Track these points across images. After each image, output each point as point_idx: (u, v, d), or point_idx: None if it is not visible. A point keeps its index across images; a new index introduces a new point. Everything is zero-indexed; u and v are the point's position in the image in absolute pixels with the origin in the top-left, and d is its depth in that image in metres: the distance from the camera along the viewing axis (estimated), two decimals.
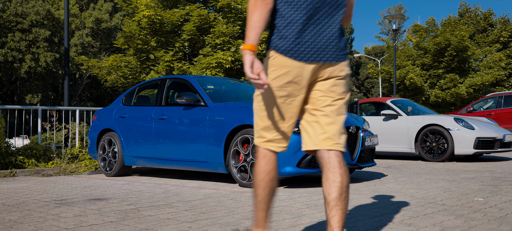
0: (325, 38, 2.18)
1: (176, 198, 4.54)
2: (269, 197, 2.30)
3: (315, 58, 2.17)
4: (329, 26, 2.20)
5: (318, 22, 2.18)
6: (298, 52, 2.15)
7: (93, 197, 4.69)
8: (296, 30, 2.15)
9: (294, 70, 2.17)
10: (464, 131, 8.48)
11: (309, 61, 2.17)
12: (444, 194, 4.51)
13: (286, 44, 2.16)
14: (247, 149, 5.25)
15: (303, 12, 2.15)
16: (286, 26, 2.16)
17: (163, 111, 6.21)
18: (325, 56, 2.19)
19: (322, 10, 2.18)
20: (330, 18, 2.20)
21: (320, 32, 2.17)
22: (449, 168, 7.23)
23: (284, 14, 2.16)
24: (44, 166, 7.61)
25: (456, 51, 19.93)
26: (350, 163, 5.35)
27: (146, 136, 6.30)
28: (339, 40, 2.21)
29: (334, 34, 2.20)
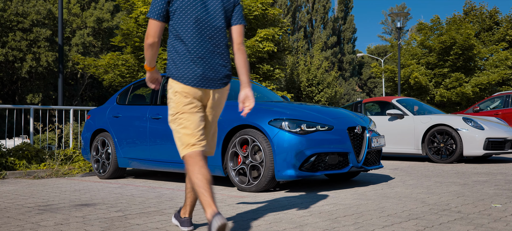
0: (209, 71, 2.85)
1: (169, 203, 4.22)
2: (208, 183, 2.71)
3: (200, 85, 2.84)
4: (212, 61, 2.87)
5: (204, 59, 2.85)
6: (188, 80, 2.82)
7: (81, 202, 4.38)
8: (190, 64, 2.83)
9: (188, 91, 2.82)
10: (473, 131, 8.15)
11: (196, 86, 2.83)
12: (458, 199, 4.19)
13: (180, 73, 2.83)
14: (246, 151, 4.93)
15: (193, 55, 2.84)
16: (181, 61, 2.83)
17: (158, 110, 5.89)
18: (210, 83, 2.87)
19: (204, 54, 2.86)
20: (211, 59, 2.88)
21: (206, 66, 2.85)
22: (458, 170, 6.90)
23: (178, 52, 2.85)
24: (36, 167, 7.31)
25: (461, 49, 19.56)
26: (356, 165, 5.02)
27: (140, 136, 5.99)
28: (219, 72, 2.90)
29: (216, 68, 2.88)
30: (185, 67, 2.82)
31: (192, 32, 2.84)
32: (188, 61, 2.82)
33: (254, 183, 4.82)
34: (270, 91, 6.75)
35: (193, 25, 2.85)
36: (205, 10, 2.88)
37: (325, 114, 5.12)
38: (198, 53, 2.83)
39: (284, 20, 12.68)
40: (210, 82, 2.86)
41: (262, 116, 4.87)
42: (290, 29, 50.71)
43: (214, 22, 2.90)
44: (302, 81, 16.88)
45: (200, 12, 2.87)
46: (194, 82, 2.82)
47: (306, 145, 4.68)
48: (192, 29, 2.85)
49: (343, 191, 4.87)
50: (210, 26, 2.89)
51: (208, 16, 2.88)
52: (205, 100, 2.90)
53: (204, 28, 2.87)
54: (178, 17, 2.85)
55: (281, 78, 14.29)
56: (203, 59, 2.84)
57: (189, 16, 2.84)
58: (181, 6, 2.83)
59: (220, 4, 2.93)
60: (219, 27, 2.92)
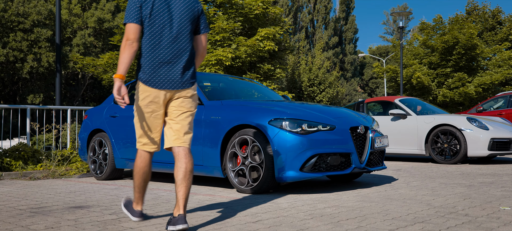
0: (174, 74, 3.14)
1: (165, 206, 4.09)
2: (143, 183, 3.32)
3: (166, 86, 3.14)
4: (177, 65, 3.16)
5: (168, 64, 3.14)
6: (154, 83, 3.12)
7: (75, 204, 4.24)
8: (155, 68, 3.12)
9: (153, 94, 3.13)
10: (477, 131, 8.00)
11: (162, 88, 3.14)
12: (464, 202, 4.04)
13: (146, 76, 3.12)
14: (245, 151, 4.79)
15: (158, 59, 3.12)
16: (147, 66, 3.12)
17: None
18: (173, 85, 3.15)
19: (170, 59, 3.14)
20: (177, 64, 3.16)
21: (169, 70, 3.13)
22: (463, 171, 6.75)
23: (146, 57, 3.12)
24: (33, 168, 7.17)
25: (464, 49, 19.39)
26: (358, 166, 4.87)
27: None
28: (186, 73, 3.20)
29: (181, 71, 3.17)
30: (151, 71, 3.11)
31: (159, 38, 3.14)
32: (155, 66, 3.11)
33: (253, 185, 4.68)
34: (271, 90, 6.61)
35: (159, 32, 3.15)
36: (171, 19, 3.18)
37: (326, 114, 4.98)
38: (164, 58, 3.12)
39: (285, 19, 12.54)
40: (175, 84, 3.15)
41: (262, 115, 4.73)
42: (291, 30, 50.44)
43: (181, 31, 3.19)
44: (304, 81, 16.74)
45: (167, 20, 3.17)
46: (159, 85, 3.12)
47: (307, 145, 4.54)
48: (159, 35, 3.14)
49: (346, 192, 4.73)
50: (177, 33, 3.18)
51: (175, 24, 3.17)
52: (169, 100, 3.21)
53: (170, 35, 3.16)
54: (147, 24, 3.14)
55: (282, 78, 14.15)
56: (169, 64, 3.13)
57: (156, 24, 3.13)
58: (149, 13, 3.12)
59: (186, 14, 3.23)
60: (186, 35, 3.23)
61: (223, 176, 4.99)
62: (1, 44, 34.58)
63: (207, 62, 10.00)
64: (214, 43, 10.60)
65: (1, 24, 34.81)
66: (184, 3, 3.23)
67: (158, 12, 3.13)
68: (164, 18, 3.14)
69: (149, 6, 3.12)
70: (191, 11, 3.24)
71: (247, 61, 10.58)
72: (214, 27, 10.47)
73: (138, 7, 3.10)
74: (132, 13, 3.11)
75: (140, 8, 3.11)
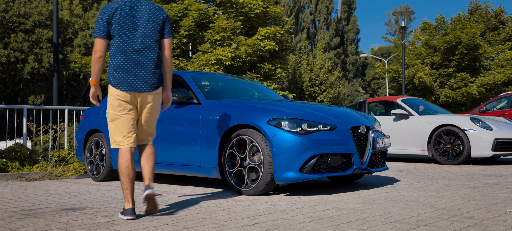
0: (141, 77, 3.52)
1: (160, 207, 3.97)
2: (129, 180, 3.56)
3: (134, 89, 3.52)
4: (143, 70, 3.54)
5: (135, 69, 3.52)
6: (123, 86, 3.50)
7: (69, 206, 4.13)
8: (123, 73, 3.50)
9: (123, 96, 3.51)
10: (481, 132, 7.87)
11: (131, 91, 3.51)
12: (469, 204, 3.92)
13: (115, 80, 3.51)
14: (243, 152, 4.68)
15: (125, 65, 3.50)
16: (116, 71, 3.51)
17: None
18: (140, 88, 3.53)
19: (137, 65, 3.52)
20: (143, 69, 3.54)
21: (136, 74, 3.51)
22: (467, 172, 6.63)
23: (116, 63, 3.51)
24: (29, 169, 7.07)
25: (466, 49, 19.25)
26: (360, 167, 4.75)
27: None
28: (150, 78, 3.57)
29: (147, 75, 3.55)
30: (120, 75, 3.49)
31: (127, 46, 3.50)
32: (123, 71, 3.49)
33: (252, 186, 4.57)
34: (271, 90, 6.50)
35: (127, 41, 3.51)
36: (137, 28, 3.53)
37: (327, 114, 4.87)
38: (131, 63, 3.50)
39: (286, 19, 12.41)
40: (142, 87, 3.53)
41: (260, 115, 4.62)
42: (292, 29, 50.18)
43: (146, 38, 3.54)
44: (305, 81, 16.60)
45: (133, 30, 3.53)
46: (128, 88, 3.50)
47: (307, 146, 4.42)
48: (126, 44, 3.50)
49: (347, 194, 4.61)
50: (143, 42, 3.54)
51: (141, 33, 3.53)
52: (137, 102, 3.58)
53: (137, 43, 3.52)
54: (116, 34, 3.50)
55: (283, 78, 14.02)
56: (136, 69, 3.50)
57: (124, 34, 3.49)
58: (118, 26, 3.48)
59: (151, 24, 3.59)
60: (151, 42, 3.58)
61: (221, 178, 4.88)
62: (2, 44, 34.53)
63: (206, 62, 9.88)
64: (214, 42, 10.49)
65: (2, 24, 34.76)
66: (149, 13, 3.59)
67: (125, 23, 3.50)
68: (130, 27, 3.51)
69: (116, 19, 3.48)
70: (156, 19, 3.61)
71: (247, 61, 10.46)
72: (213, 26, 10.36)
73: (105, 22, 3.48)
74: (99, 28, 3.51)
75: (107, 23, 3.48)
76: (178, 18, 10.94)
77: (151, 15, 3.59)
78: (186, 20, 10.49)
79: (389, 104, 9.52)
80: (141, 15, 3.55)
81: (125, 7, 3.52)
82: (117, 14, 3.47)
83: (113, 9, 3.49)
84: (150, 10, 3.60)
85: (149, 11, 3.59)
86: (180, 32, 10.83)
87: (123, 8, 3.52)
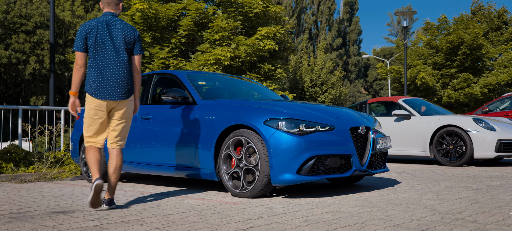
0: (114, 87, 3.96)
1: (153, 211, 3.85)
2: (96, 166, 3.97)
3: (107, 98, 3.96)
4: (116, 81, 3.97)
5: (109, 80, 3.95)
6: (98, 95, 3.94)
7: (59, 209, 4.02)
8: (98, 83, 3.94)
9: (98, 104, 3.97)
10: (484, 132, 7.73)
11: (104, 99, 3.96)
12: (472, 207, 3.79)
13: (91, 89, 3.95)
14: (240, 153, 4.56)
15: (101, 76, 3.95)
16: (93, 81, 3.95)
17: (148, 110, 5.53)
18: (113, 97, 3.98)
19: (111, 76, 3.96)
20: (116, 80, 3.98)
21: (110, 84, 3.95)
22: (469, 174, 6.49)
23: (92, 74, 3.96)
24: (24, 171, 6.95)
25: (469, 49, 19.08)
26: (359, 169, 4.62)
27: (129, 137, 5.63)
28: (122, 88, 4.01)
29: (119, 86, 3.99)
30: (96, 85, 3.94)
31: (102, 59, 3.96)
32: (99, 82, 3.93)
33: (248, 188, 4.44)
34: (270, 90, 6.37)
35: (102, 54, 3.97)
36: (112, 44, 3.99)
37: (325, 114, 4.74)
38: (106, 75, 3.95)
39: (286, 18, 12.27)
40: (114, 96, 3.98)
41: (257, 115, 4.49)
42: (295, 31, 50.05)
43: (120, 53, 4.01)
44: (306, 81, 16.44)
45: (109, 45, 3.99)
46: (102, 96, 3.95)
47: (305, 147, 4.30)
48: (102, 57, 3.96)
49: (346, 196, 4.48)
50: (117, 56, 4.00)
51: (115, 49, 3.99)
52: (110, 108, 4.03)
53: (111, 57, 3.97)
54: (92, 48, 3.97)
55: (283, 78, 13.89)
56: (110, 80, 3.95)
57: (100, 48, 3.96)
58: (94, 41, 3.95)
59: (123, 42, 4.05)
60: (124, 57, 4.04)
61: (217, 179, 4.76)
62: (4, 46, 34.50)
63: (205, 62, 9.74)
64: (212, 42, 10.36)
65: (4, 26, 34.73)
66: (123, 31, 4.06)
67: (101, 39, 3.97)
68: (105, 43, 3.97)
69: (93, 35, 3.95)
70: (129, 37, 4.09)
71: (247, 61, 10.33)
72: (212, 26, 10.23)
73: (84, 38, 3.95)
74: (79, 43, 3.98)
75: (86, 38, 3.95)
76: (177, 17, 10.82)
77: (124, 33, 4.07)
78: (185, 19, 10.37)
79: (391, 105, 9.38)
80: (116, 33, 4.04)
81: (102, 25, 4.01)
82: (94, 31, 3.96)
83: (91, 26, 3.98)
84: (124, 29, 4.08)
85: (123, 30, 4.07)
86: (179, 32, 10.71)
87: (100, 26, 4.00)
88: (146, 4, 9.94)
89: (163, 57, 10.16)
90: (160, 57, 10.15)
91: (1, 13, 34.51)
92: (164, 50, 10.26)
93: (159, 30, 10.60)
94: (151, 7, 10.01)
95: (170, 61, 10.07)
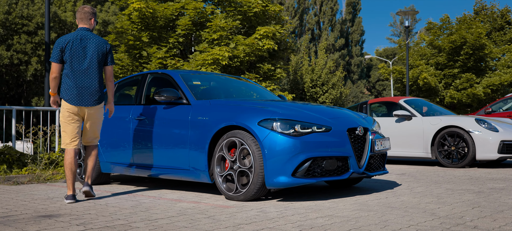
0: (86, 94, 4.55)
1: (142, 215, 3.72)
2: (71, 174, 4.53)
3: (81, 104, 4.54)
4: (88, 89, 4.55)
5: (82, 88, 4.52)
6: (72, 101, 4.51)
7: (46, 212, 3.89)
8: (72, 90, 4.51)
9: (72, 109, 4.53)
10: (486, 133, 7.57)
11: (78, 105, 4.53)
12: (473, 211, 3.64)
13: (67, 96, 4.52)
14: (233, 155, 4.42)
15: (75, 84, 4.51)
16: (68, 89, 4.52)
17: (141, 110, 5.40)
18: (86, 103, 4.56)
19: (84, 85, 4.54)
20: (88, 88, 4.55)
21: (83, 92, 4.53)
22: (472, 176, 6.34)
23: (67, 81, 4.53)
24: (17, 172, 6.83)
25: (472, 49, 18.89)
26: (357, 171, 4.48)
27: (122, 138, 5.50)
28: (94, 95, 4.59)
29: (91, 93, 4.57)
30: (70, 92, 4.49)
31: (77, 69, 4.50)
32: (72, 89, 4.48)
33: (242, 191, 4.30)
34: (267, 90, 6.24)
35: (77, 65, 4.50)
36: (85, 58, 4.52)
37: (322, 114, 4.60)
38: (80, 83, 4.49)
39: (286, 18, 12.11)
40: (87, 102, 4.54)
41: (251, 115, 4.36)
42: (297, 32, 49.86)
43: (92, 65, 4.55)
44: (306, 82, 16.27)
45: (82, 57, 4.52)
46: (76, 102, 4.50)
47: (300, 148, 4.16)
48: (77, 67, 4.50)
49: (343, 200, 4.34)
50: (89, 67, 4.54)
51: (87, 62, 4.53)
52: (83, 113, 4.58)
53: (84, 67, 4.51)
54: (68, 60, 4.49)
55: (283, 78, 13.73)
56: (82, 88, 4.50)
57: (74, 59, 4.49)
58: (69, 53, 4.48)
59: (97, 53, 4.59)
60: (95, 68, 4.58)
61: (211, 182, 4.62)
62: (5, 46, 34.45)
63: (203, 62, 9.60)
64: (211, 42, 10.22)
65: (5, 26, 34.70)
66: (95, 44, 4.58)
67: (76, 52, 4.50)
68: (80, 55, 4.50)
69: (69, 48, 4.48)
70: (101, 50, 4.62)
71: (246, 60, 10.18)
72: (211, 25, 10.09)
73: (60, 51, 4.49)
74: (55, 55, 4.51)
75: (61, 51, 4.49)
76: (175, 17, 10.68)
77: (97, 46, 4.60)
78: (183, 19, 10.24)
79: (392, 105, 9.23)
80: (89, 46, 4.55)
81: (76, 39, 4.54)
82: (70, 44, 4.49)
83: (67, 40, 4.52)
84: (96, 42, 4.60)
85: (96, 43, 4.60)
86: (177, 32, 10.57)
87: (75, 40, 4.53)
88: (144, 3, 9.81)
89: (161, 57, 10.02)
90: (158, 57, 10.02)
91: (2, 13, 34.48)
92: (161, 50, 10.12)
93: (157, 29, 10.47)
94: (149, 6, 9.88)
95: (168, 61, 9.94)
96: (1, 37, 34.54)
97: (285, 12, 50.72)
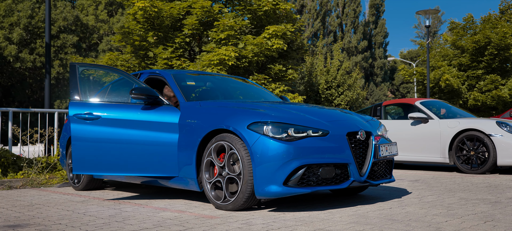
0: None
1: (115, 226, 3.40)
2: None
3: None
4: None
5: None
6: None
7: (18, 221, 3.61)
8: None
9: None
10: (509, 137, 7.04)
11: None
12: (485, 226, 3.21)
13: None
14: (222, 160, 4.07)
15: None
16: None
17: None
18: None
19: None
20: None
21: None
22: (491, 183, 5.85)
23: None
24: (12, 176, 6.62)
25: (497, 49, 18.13)
26: (358, 179, 4.07)
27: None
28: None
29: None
30: None
31: None
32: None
33: (231, 200, 3.95)
34: (267, 91, 5.87)
35: None
36: None
37: (319, 117, 4.21)
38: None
39: (297, 16, 11.70)
40: None
41: (240, 118, 4.00)
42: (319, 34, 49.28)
43: None
44: (321, 83, 15.82)
45: None
46: None
47: (294, 154, 3.78)
48: None
49: (341, 210, 3.94)
50: None
51: None
52: None
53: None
54: None
55: (295, 79, 13.30)
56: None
57: None
58: None
59: None
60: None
61: (200, 189, 4.28)
62: (28, 50, 34.92)
63: (209, 63, 9.28)
64: (218, 42, 9.90)
65: (28, 30, 35.18)
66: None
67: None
68: None
69: None
70: None
71: (255, 61, 9.83)
72: (218, 25, 9.77)
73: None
74: None
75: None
76: (182, 16, 10.41)
77: None
78: (190, 18, 9.95)
79: (408, 107, 8.74)
80: None
81: None
82: None
83: None
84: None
85: None
86: (183, 31, 10.29)
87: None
88: (148, 1, 9.55)
89: (166, 58, 9.75)
90: (163, 58, 9.75)
91: (25, 17, 34.98)
92: (167, 50, 9.85)
93: (163, 29, 10.21)
94: (153, 5, 9.62)
95: (173, 61, 9.66)
96: (25, 41, 35.01)
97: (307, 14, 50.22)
